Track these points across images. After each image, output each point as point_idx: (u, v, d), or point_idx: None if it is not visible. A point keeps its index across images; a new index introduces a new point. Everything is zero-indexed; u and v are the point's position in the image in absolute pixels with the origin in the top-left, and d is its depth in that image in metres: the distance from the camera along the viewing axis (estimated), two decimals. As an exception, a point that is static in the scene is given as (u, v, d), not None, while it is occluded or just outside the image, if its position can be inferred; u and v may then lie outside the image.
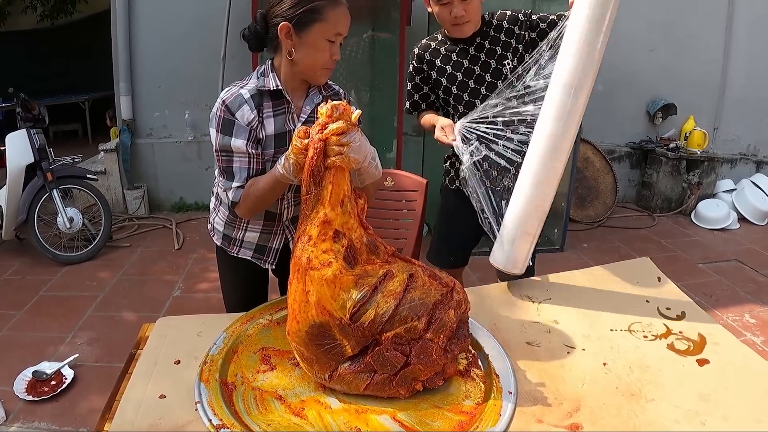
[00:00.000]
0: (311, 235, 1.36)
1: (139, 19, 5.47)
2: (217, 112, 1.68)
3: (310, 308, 1.30)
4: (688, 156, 5.94)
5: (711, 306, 3.94)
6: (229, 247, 1.95)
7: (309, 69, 1.69)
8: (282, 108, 1.74)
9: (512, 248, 1.83)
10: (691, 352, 1.59)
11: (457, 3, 2.14)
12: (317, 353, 1.33)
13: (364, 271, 1.34)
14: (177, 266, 4.49)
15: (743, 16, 6.21)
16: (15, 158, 4.39)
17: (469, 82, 2.29)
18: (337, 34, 1.66)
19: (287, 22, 1.63)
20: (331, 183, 1.39)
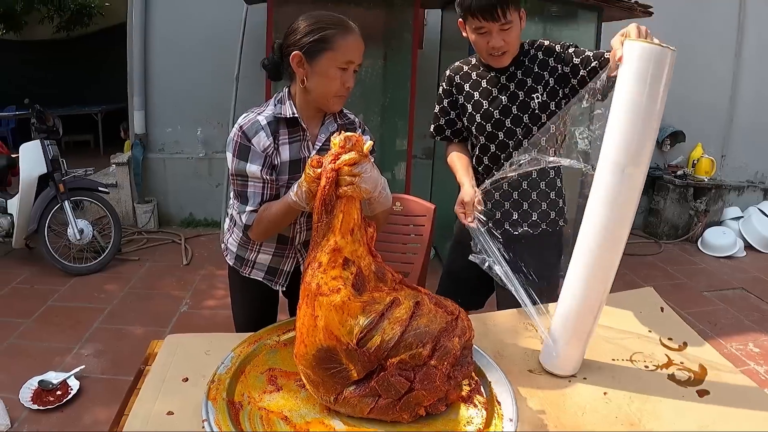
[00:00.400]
0: (321, 261, 1.39)
1: (154, 36, 5.57)
2: (234, 137, 1.72)
3: (318, 332, 1.32)
4: (696, 183, 5.97)
5: (715, 335, 3.94)
6: (241, 268, 1.98)
7: (321, 97, 1.73)
8: (297, 135, 1.78)
9: (566, 350, 1.62)
10: (691, 382, 1.60)
11: (496, 33, 1.99)
12: (323, 376, 1.35)
13: (371, 297, 1.37)
14: (185, 282, 4.52)
15: (752, 45, 6.28)
16: (28, 168, 4.46)
17: (495, 112, 2.15)
18: (348, 62, 1.68)
19: (299, 52, 1.67)
20: (342, 212, 1.42)
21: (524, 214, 2.21)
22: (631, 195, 1.50)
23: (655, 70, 1.40)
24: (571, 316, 1.61)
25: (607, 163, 1.49)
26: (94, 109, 9.33)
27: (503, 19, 1.95)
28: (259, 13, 4.76)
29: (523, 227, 2.22)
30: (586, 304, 1.59)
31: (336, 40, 1.66)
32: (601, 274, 1.57)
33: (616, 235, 1.53)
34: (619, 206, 1.50)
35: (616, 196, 1.49)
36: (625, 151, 1.46)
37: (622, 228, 1.53)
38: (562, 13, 4.75)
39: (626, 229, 1.54)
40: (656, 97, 1.41)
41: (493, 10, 1.92)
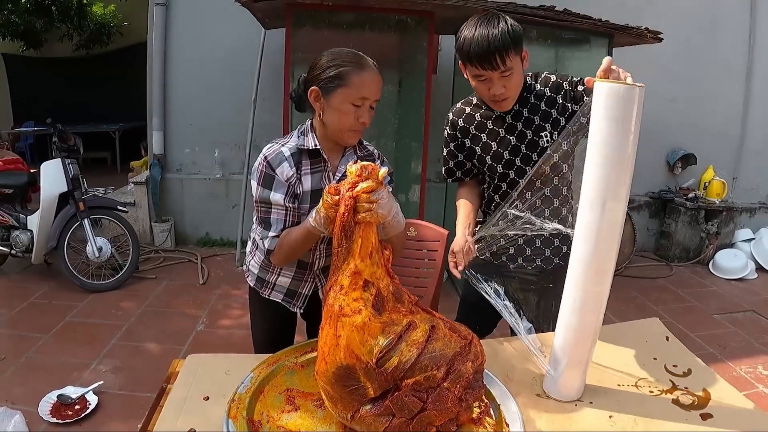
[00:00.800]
0: (343, 284, 1.46)
1: (174, 58, 5.70)
2: (259, 167, 1.82)
3: (339, 351, 1.39)
4: (707, 206, 6.00)
5: (724, 357, 3.95)
6: (261, 289, 2.06)
7: (336, 131, 1.82)
8: (319, 167, 1.87)
9: (566, 378, 1.67)
10: (695, 406, 1.64)
11: (497, 81, 1.94)
12: (342, 393, 1.41)
13: (390, 319, 1.44)
14: (201, 301, 4.58)
15: (762, 68, 6.34)
16: (49, 186, 4.57)
17: (504, 153, 2.11)
18: (362, 98, 1.76)
19: (316, 87, 1.77)
20: (361, 237, 1.50)
21: (537, 250, 2.22)
22: (613, 229, 1.55)
23: (623, 108, 1.45)
24: (567, 346, 1.66)
25: (587, 200, 1.55)
26: (112, 127, 9.47)
27: (503, 66, 1.90)
28: (277, 37, 4.88)
29: (536, 262, 2.23)
30: (580, 334, 1.65)
31: (350, 77, 1.74)
32: (591, 305, 1.62)
33: (602, 268, 1.58)
34: (602, 240, 1.55)
35: (597, 231, 1.54)
36: (602, 188, 1.52)
37: (606, 261, 1.58)
38: (574, 39, 4.82)
39: (611, 262, 1.59)
40: (627, 133, 1.46)
41: (491, 58, 1.88)
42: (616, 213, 1.53)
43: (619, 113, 1.46)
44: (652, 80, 5.93)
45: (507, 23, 1.89)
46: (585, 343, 1.65)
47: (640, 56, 5.61)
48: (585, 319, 1.63)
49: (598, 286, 1.60)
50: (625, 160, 1.49)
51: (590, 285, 1.60)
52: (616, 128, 1.47)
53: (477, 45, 1.87)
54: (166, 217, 5.89)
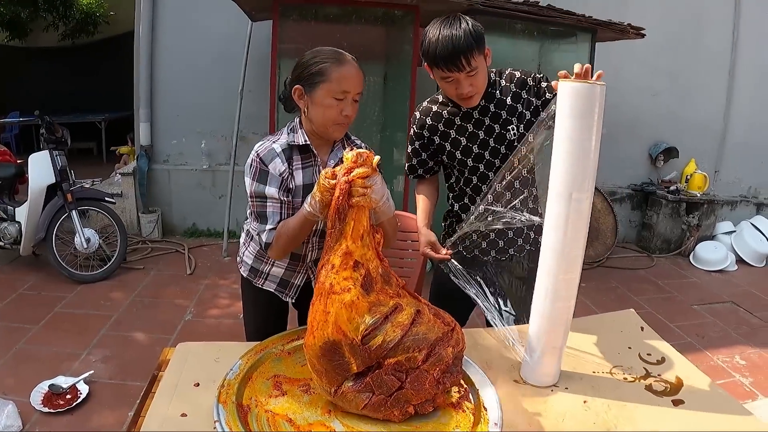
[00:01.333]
0: (334, 263, 1.53)
1: (161, 49, 5.70)
2: (252, 163, 1.88)
3: (327, 327, 1.46)
4: (688, 198, 6.09)
5: (702, 347, 4.04)
6: (254, 279, 2.13)
7: (321, 126, 1.88)
8: (309, 161, 1.94)
9: (541, 363, 1.73)
10: (667, 393, 1.71)
11: (464, 80, 1.98)
12: (327, 366, 1.49)
13: (377, 299, 1.51)
14: (189, 291, 4.62)
15: (746, 63, 6.42)
16: (37, 178, 4.58)
17: (474, 147, 2.16)
18: (344, 92, 1.82)
19: (299, 85, 1.85)
20: (353, 219, 1.57)
21: (510, 241, 2.26)
22: (579, 218, 1.62)
23: (585, 106, 1.53)
24: (542, 333, 1.73)
25: (554, 192, 1.63)
26: (98, 117, 9.41)
27: (468, 67, 1.94)
28: (264, 28, 4.90)
29: (509, 252, 2.29)
30: (553, 321, 1.72)
31: (331, 72, 1.80)
32: (562, 293, 1.69)
33: (571, 256, 1.66)
34: (570, 230, 1.62)
35: (565, 221, 1.61)
36: (568, 180, 1.59)
37: (575, 249, 1.65)
38: (558, 32, 4.88)
39: (580, 250, 1.66)
40: (590, 129, 1.55)
41: (457, 60, 1.92)
42: (582, 203, 1.61)
43: (581, 110, 1.54)
44: (636, 74, 6.08)
45: (468, 24, 1.93)
46: (558, 329, 1.72)
47: (624, 50, 5.69)
48: (557, 306, 1.70)
49: (568, 273, 1.67)
50: (589, 154, 1.57)
51: (561, 273, 1.67)
52: (579, 125, 1.55)
53: (442, 48, 1.91)
54: (153, 208, 5.90)
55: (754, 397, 3.43)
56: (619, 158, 6.27)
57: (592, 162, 1.58)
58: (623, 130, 6.15)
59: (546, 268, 1.70)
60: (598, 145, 1.58)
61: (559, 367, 1.76)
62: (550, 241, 1.67)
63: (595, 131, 1.55)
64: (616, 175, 6.42)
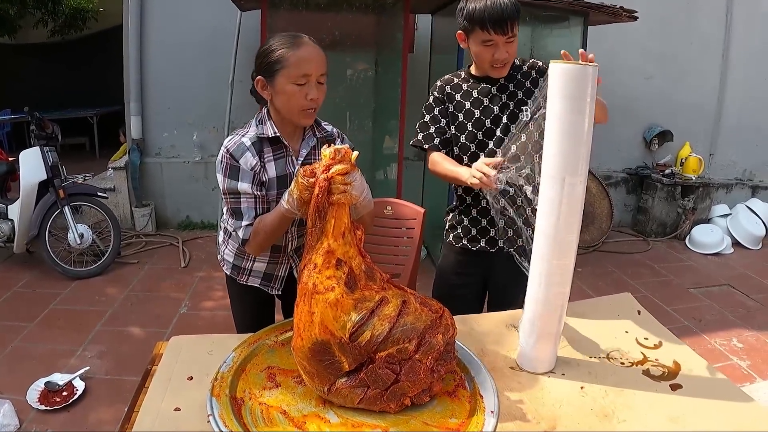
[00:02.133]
0: (317, 263, 1.50)
1: (150, 41, 5.65)
2: (222, 159, 1.84)
3: (314, 327, 1.43)
4: (684, 182, 6.08)
5: (699, 330, 4.04)
6: (238, 276, 2.10)
7: (288, 114, 1.84)
8: (281, 152, 1.90)
9: (536, 350, 1.72)
10: (665, 377, 1.69)
11: (502, 46, 2.06)
12: (318, 368, 1.46)
13: (362, 296, 1.49)
14: (183, 284, 4.61)
15: (739, 45, 6.39)
16: (28, 175, 4.54)
17: (486, 121, 2.19)
18: (304, 75, 1.76)
19: (261, 76, 1.81)
20: (334, 217, 1.53)
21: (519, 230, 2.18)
22: (573, 203, 1.59)
23: (577, 87, 1.52)
24: (537, 319, 1.70)
25: (547, 176, 1.61)
26: (90, 112, 9.37)
27: (511, 32, 2.03)
28: (253, 18, 4.85)
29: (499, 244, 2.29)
30: (548, 307, 1.69)
31: (287, 58, 1.75)
32: (557, 278, 1.67)
33: (565, 241, 1.63)
34: (563, 214, 1.59)
35: (558, 205, 1.59)
36: (561, 164, 1.57)
37: (569, 234, 1.62)
38: (550, 16, 4.85)
39: (574, 235, 1.64)
40: (582, 111, 1.52)
41: (504, 24, 2.00)
42: (575, 187, 1.58)
43: (573, 92, 1.52)
44: (629, 57, 6.06)
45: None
46: (553, 315, 1.70)
47: (617, 34, 5.66)
48: (551, 291, 1.68)
49: (562, 259, 1.65)
50: (582, 137, 1.55)
51: (554, 259, 1.65)
52: (571, 106, 1.53)
53: (492, 11, 2.00)
54: (146, 202, 5.88)
55: (751, 380, 3.44)
56: (613, 142, 6.27)
57: (585, 145, 1.56)
58: (617, 113, 6.11)
59: (539, 253, 1.67)
60: (591, 127, 1.56)
61: (555, 353, 1.75)
62: (542, 226, 1.65)
63: (588, 113, 1.53)
64: (610, 159, 6.41)
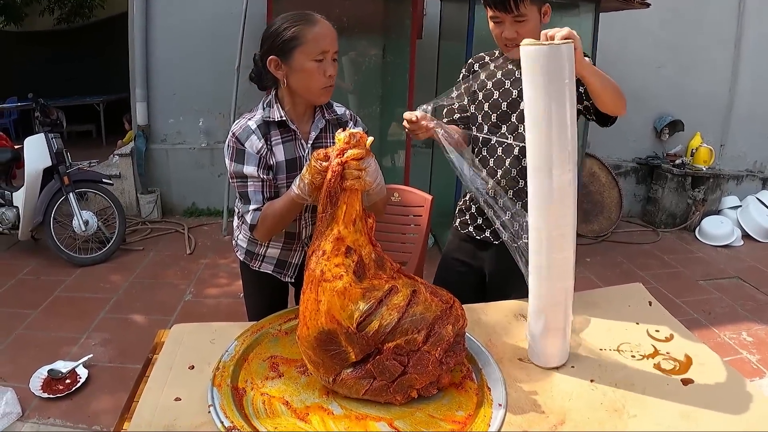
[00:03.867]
0: (325, 250, 1.46)
1: (156, 27, 5.60)
2: (228, 143, 1.81)
3: (320, 316, 1.40)
4: (694, 172, 6.01)
5: (709, 323, 4.00)
6: (251, 262, 2.07)
7: (307, 92, 1.80)
8: (289, 135, 1.86)
9: (544, 345, 1.65)
10: (676, 371, 1.65)
11: (509, 24, 1.96)
12: (324, 357, 1.43)
13: (371, 285, 1.44)
14: (188, 271, 4.58)
15: (751, 36, 6.29)
16: (33, 162, 4.52)
17: (503, 104, 2.10)
18: (322, 52, 1.73)
19: (274, 56, 1.75)
20: (345, 203, 1.49)
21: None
22: (563, 194, 1.51)
23: (550, 70, 1.41)
24: (541, 314, 1.64)
25: (532, 168, 1.53)
26: (96, 99, 9.33)
27: (515, 11, 1.92)
28: (259, 4, 4.80)
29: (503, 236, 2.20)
30: (551, 301, 1.63)
31: (304, 35, 1.71)
32: (557, 271, 1.60)
33: (561, 233, 1.56)
34: (554, 209, 1.52)
35: (547, 199, 1.52)
36: (542, 154, 1.49)
37: (563, 227, 1.55)
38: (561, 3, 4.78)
39: (568, 228, 1.56)
40: (559, 94, 1.42)
41: (506, 2, 1.91)
42: (562, 177, 1.49)
43: (546, 76, 1.42)
44: (640, 46, 5.99)
45: None
46: (557, 310, 1.63)
47: (629, 22, 5.59)
48: (553, 286, 1.62)
49: (560, 252, 1.58)
50: (564, 123, 1.45)
51: (553, 253, 1.58)
52: (545, 92, 1.43)
53: None
54: (152, 188, 5.86)
55: (761, 374, 3.40)
56: (623, 131, 6.19)
57: (564, 132, 1.46)
58: (628, 102, 5.93)
59: (536, 248, 1.60)
60: (573, 113, 1.46)
61: (564, 347, 1.69)
62: (534, 220, 1.58)
63: (568, 97, 1.43)
64: (620, 149, 6.34)
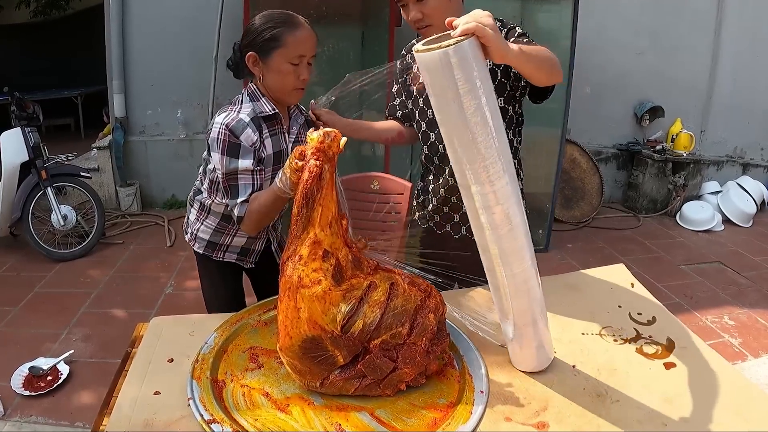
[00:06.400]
0: (302, 255, 1.41)
1: (132, 18, 5.52)
2: (220, 136, 1.76)
3: (302, 324, 1.36)
4: (674, 158, 6.04)
5: (690, 308, 4.03)
6: (213, 253, 2.07)
7: (279, 92, 1.84)
8: (275, 128, 1.88)
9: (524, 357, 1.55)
10: (658, 355, 1.66)
11: (412, 5, 1.83)
12: (310, 365, 1.40)
13: (350, 285, 1.41)
14: (169, 263, 4.54)
15: (731, 22, 6.31)
16: (10, 156, 4.44)
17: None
18: (299, 56, 1.78)
19: (253, 52, 1.79)
20: (321, 205, 1.42)
21: (464, 216, 2.06)
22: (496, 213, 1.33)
23: (443, 78, 1.22)
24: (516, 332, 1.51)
25: (460, 186, 1.38)
26: (74, 92, 9.20)
27: None
28: (237, -8, 4.75)
29: (462, 231, 2.14)
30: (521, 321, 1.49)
31: (285, 38, 1.75)
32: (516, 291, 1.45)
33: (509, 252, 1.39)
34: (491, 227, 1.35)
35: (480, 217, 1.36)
36: (460, 172, 1.34)
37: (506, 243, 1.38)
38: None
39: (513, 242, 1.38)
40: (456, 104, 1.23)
41: None
42: (487, 195, 1.31)
43: (440, 86, 1.24)
44: (620, 32, 5.99)
45: None
46: (527, 326, 1.50)
47: (608, 8, 5.60)
48: (520, 303, 1.47)
49: (518, 265, 1.41)
50: (467, 135, 1.25)
51: (509, 268, 1.41)
52: (445, 102, 1.25)
53: None
54: (131, 181, 5.79)
55: (743, 357, 3.43)
56: (604, 117, 6.22)
57: (481, 145, 1.25)
58: (608, 89, 6.08)
59: (489, 266, 1.45)
60: (484, 120, 1.24)
61: (546, 356, 1.57)
62: (479, 240, 1.42)
63: (471, 104, 1.22)
64: (601, 135, 6.36)
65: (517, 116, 2.03)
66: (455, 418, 1.33)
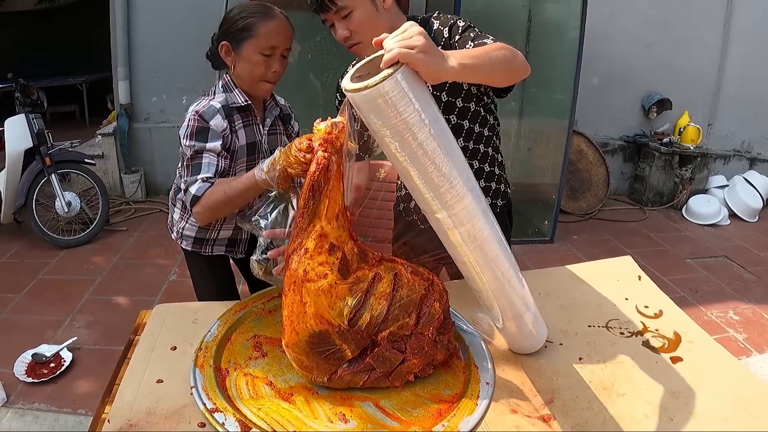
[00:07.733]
0: (308, 248, 1.37)
1: (137, 4, 5.51)
2: (189, 122, 1.77)
3: (308, 319, 1.33)
4: (681, 151, 6.01)
5: (696, 302, 4.01)
6: (201, 249, 2.06)
7: (248, 82, 1.82)
8: (249, 120, 1.88)
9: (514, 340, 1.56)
10: (665, 349, 1.64)
11: (338, 23, 1.72)
12: (318, 360, 1.37)
13: (356, 278, 1.38)
14: (173, 251, 4.52)
15: (741, 15, 6.27)
16: (14, 143, 4.45)
17: None
18: (272, 47, 1.76)
19: (226, 42, 1.79)
20: (328, 198, 1.38)
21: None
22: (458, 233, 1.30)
23: (376, 117, 1.14)
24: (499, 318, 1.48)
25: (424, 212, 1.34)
26: (79, 79, 9.20)
27: (333, 6, 1.67)
28: (243, -21, 4.72)
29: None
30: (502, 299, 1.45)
31: (257, 27, 1.75)
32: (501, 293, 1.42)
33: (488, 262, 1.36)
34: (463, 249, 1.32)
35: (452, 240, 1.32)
36: (419, 200, 1.30)
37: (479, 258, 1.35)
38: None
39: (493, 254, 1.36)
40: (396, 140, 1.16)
41: (321, 1, 1.68)
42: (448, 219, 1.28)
43: (375, 125, 1.16)
44: (629, 23, 5.95)
45: None
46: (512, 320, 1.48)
47: (618, 0, 5.56)
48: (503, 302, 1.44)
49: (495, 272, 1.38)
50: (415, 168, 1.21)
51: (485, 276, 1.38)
52: (386, 144, 1.19)
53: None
54: (135, 168, 5.78)
55: (748, 353, 3.41)
56: (611, 109, 6.19)
57: (433, 175, 1.21)
58: (616, 80, 6.05)
59: (467, 275, 1.42)
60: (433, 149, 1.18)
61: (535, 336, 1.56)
62: (451, 255, 1.39)
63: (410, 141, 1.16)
64: (608, 127, 6.33)
65: (487, 112, 1.91)
66: (460, 409, 1.31)
